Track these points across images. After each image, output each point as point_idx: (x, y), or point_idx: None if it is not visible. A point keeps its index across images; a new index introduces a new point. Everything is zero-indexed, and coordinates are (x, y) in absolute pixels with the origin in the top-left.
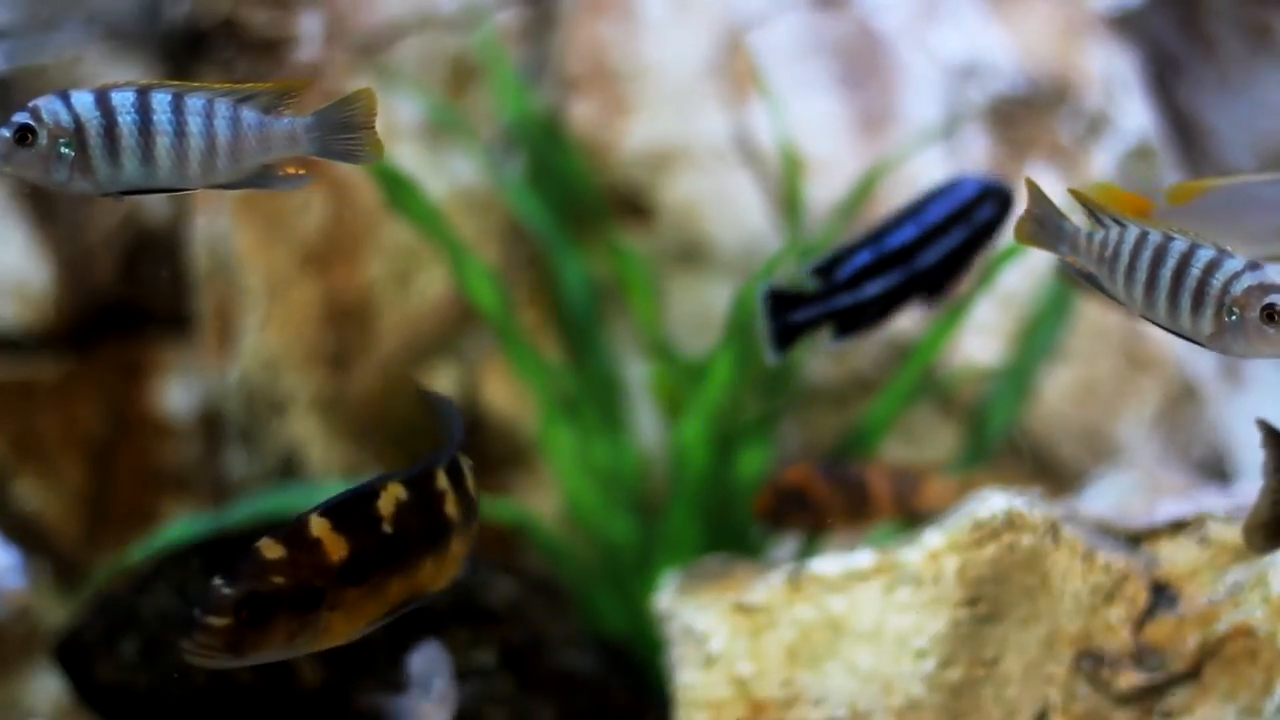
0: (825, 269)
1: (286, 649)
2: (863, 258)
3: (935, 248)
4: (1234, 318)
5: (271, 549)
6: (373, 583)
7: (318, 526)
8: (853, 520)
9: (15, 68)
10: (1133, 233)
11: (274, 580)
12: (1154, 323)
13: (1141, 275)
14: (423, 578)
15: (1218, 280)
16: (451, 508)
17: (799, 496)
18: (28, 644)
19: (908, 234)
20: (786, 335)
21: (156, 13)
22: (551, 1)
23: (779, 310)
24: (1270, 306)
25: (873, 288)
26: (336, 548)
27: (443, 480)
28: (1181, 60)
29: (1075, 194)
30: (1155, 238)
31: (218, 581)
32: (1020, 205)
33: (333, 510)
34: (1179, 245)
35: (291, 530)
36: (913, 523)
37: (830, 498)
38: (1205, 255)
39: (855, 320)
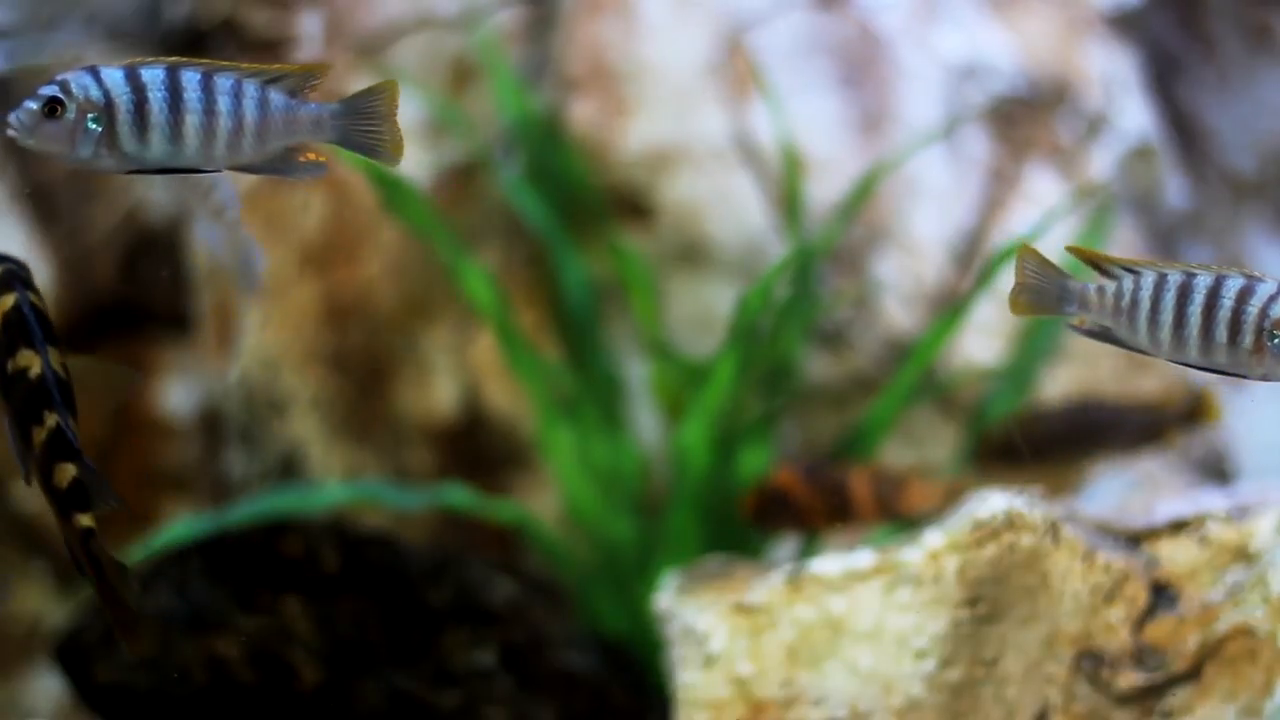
0: None
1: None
2: None
3: None
4: (1276, 340)
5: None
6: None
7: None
8: (835, 523)
9: (15, 68)
10: (1149, 277)
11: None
12: (1184, 364)
13: (1167, 317)
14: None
15: (1254, 306)
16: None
17: (782, 499)
18: (28, 644)
19: None
20: None
21: (156, 13)
22: (551, 1)
23: None
24: None
25: None
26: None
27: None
28: (1181, 60)
29: (1075, 251)
30: (1176, 277)
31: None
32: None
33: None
34: (1204, 280)
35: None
36: (901, 526)
37: (811, 501)
38: (1235, 284)
39: None
